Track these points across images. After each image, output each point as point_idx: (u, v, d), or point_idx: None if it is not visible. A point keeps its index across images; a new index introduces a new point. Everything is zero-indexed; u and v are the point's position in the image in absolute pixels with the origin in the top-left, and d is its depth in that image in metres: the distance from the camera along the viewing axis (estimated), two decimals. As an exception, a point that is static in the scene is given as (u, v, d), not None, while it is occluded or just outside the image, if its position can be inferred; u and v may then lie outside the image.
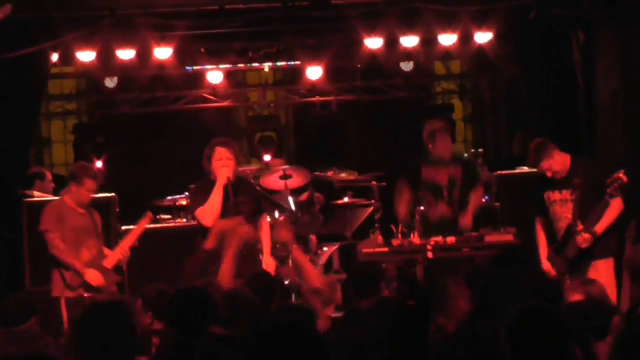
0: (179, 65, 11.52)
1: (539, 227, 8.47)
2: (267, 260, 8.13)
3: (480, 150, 12.40)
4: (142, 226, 8.59)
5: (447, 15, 10.16)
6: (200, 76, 12.83)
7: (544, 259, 8.26)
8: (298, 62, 12.42)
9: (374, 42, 10.60)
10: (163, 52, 10.43)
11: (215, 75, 12.71)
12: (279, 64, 12.42)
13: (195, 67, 12.32)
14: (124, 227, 9.92)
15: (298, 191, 10.90)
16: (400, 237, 8.81)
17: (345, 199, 11.15)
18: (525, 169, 10.36)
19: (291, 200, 10.67)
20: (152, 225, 10.21)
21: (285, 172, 10.62)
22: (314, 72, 12.54)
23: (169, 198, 10.86)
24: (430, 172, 9.15)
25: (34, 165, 11.82)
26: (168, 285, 6.66)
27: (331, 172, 11.16)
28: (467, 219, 9.08)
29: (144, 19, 9.82)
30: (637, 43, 9.62)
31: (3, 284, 9.57)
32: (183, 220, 10.40)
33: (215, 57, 12.14)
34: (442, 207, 9.06)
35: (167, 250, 9.43)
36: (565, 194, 8.23)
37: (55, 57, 10.33)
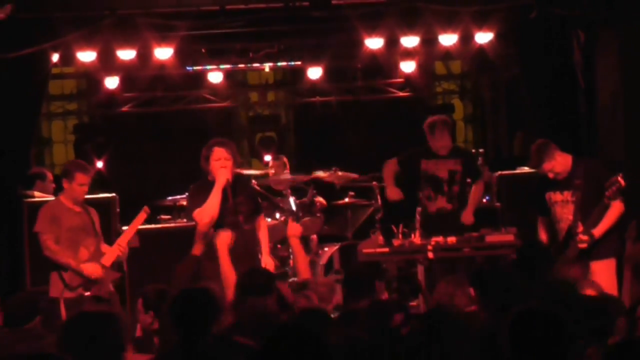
0: (180, 65, 11.52)
1: (541, 227, 8.46)
2: (267, 260, 8.12)
3: (481, 150, 12.39)
4: (139, 221, 8.51)
5: (448, 15, 10.15)
6: (200, 76, 12.84)
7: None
8: (299, 63, 12.43)
9: (374, 43, 10.58)
10: (164, 53, 10.42)
11: (215, 76, 12.73)
12: (279, 64, 12.42)
13: (195, 68, 12.33)
14: (124, 227, 9.91)
15: (299, 193, 10.91)
16: (400, 237, 8.80)
17: (346, 199, 11.15)
18: (526, 169, 10.35)
19: (292, 200, 10.67)
20: (153, 226, 10.23)
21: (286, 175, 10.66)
22: (315, 73, 12.55)
23: (169, 198, 10.86)
24: (431, 165, 9.18)
25: (35, 166, 11.81)
26: (168, 286, 6.66)
27: (331, 172, 11.16)
28: (468, 214, 9.13)
29: (144, 19, 9.81)
30: (637, 43, 9.60)
31: (4, 284, 9.57)
32: (183, 220, 10.38)
33: (216, 58, 12.15)
34: (441, 201, 9.09)
35: (168, 251, 9.40)
36: (567, 195, 8.22)
37: (55, 57, 10.32)
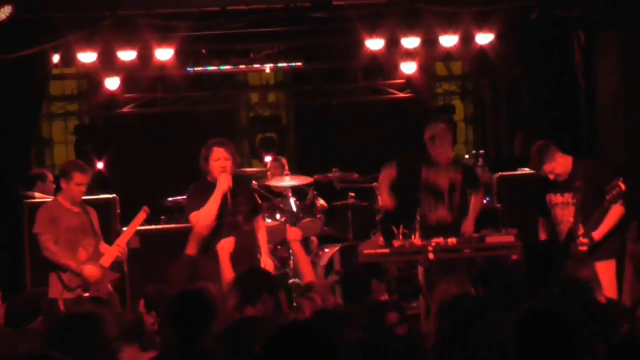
0: (180, 66, 11.52)
1: (541, 228, 8.45)
2: (266, 261, 8.12)
3: (482, 151, 12.40)
4: (138, 221, 8.49)
5: (448, 16, 10.15)
6: (201, 77, 12.84)
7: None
8: (299, 64, 12.43)
9: (375, 43, 10.59)
10: (164, 53, 10.42)
11: (216, 77, 12.73)
12: (280, 65, 12.42)
13: (196, 68, 12.32)
14: (124, 228, 9.91)
15: (300, 194, 10.90)
16: (401, 238, 8.78)
17: (347, 200, 11.15)
18: (527, 170, 10.35)
19: (292, 201, 10.67)
20: (153, 226, 10.23)
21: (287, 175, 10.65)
22: (315, 73, 12.55)
23: (170, 199, 10.86)
24: (431, 175, 9.09)
25: (35, 166, 11.82)
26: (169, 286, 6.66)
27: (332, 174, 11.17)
28: (468, 225, 9.03)
29: (145, 20, 9.81)
30: (638, 43, 9.61)
31: (4, 285, 9.56)
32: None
33: (217, 59, 12.15)
34: (442, 211, 9.02)
35: (168, 251, 9.40)
36: (567, 197, 8.21)
37: (56, 58, 10.32)
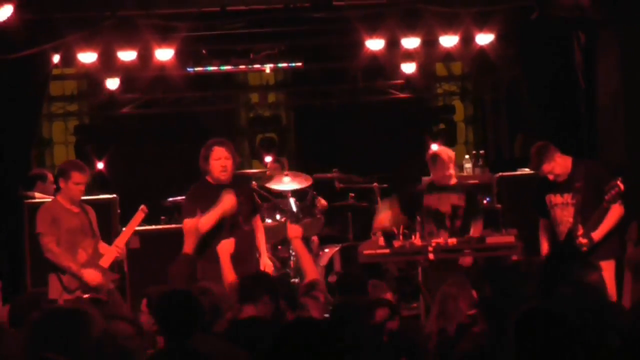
0: (180, 66, 11.52)
1: (542, 229, 8.44)
2: (265, 262, 8.11)
3: (482, 151, 12.38)
4: (137, 221, 8.47)
5: (449, 16, 10.15)
6: (201, 78, 12.84)
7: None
8: (299, 64, 12.42)
9: (375, 44, 10.59)
10: (164, 54, 10.42)
11: (216, 77, 12.72)
12: (280, 65, 12.42)
13: (196, 69, 12.32)
14: (124, 228, 9.90)
15: (300, 194, 10.90)
16: (401, 238, 8.77)
17: (347, 201, 11.15)
18: (527, 170, 10.34)
19: (292, 202, 10.67)
20: (153, 227, 10.22)
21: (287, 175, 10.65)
22: (315, 74, 12.56)
23: (170, 199, 10.85)
24: (433, 200, 8.97)
25: (36, 167, 11.82)
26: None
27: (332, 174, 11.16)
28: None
29: (145, 20, 9.81)
30: (638, 44, 9.60)
31: (4, 285, 9.56)
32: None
33: (217, 59, 12.14)
34: (444, 237, 8.94)
35: (168, 251, 9.39)
36: (567, 197, 8.20)
37: (56, 58, 10.32)
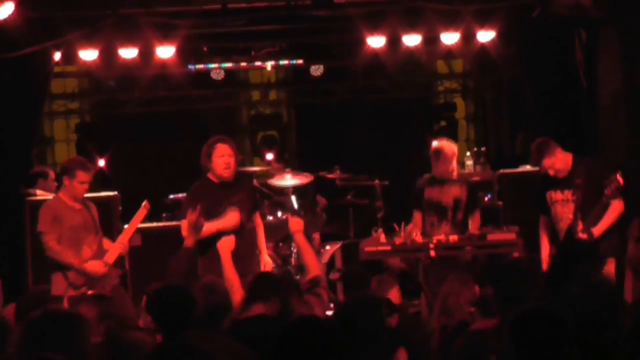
0: (182, 64, 11.52)
1: (542, 227, 8.44)
2: (265, 259, 8.12)
3: (483, 149, 12.38)
4: (140, 217, 8.48)
5: (450, 14, 10.15)
6: (202, 75, 12.85)
7: (545, 258, 8.25)
8: (301, 62, 12.43)
9: (376, 41, 10.59)
10: (165, 51, 10.43)
11: (217, 75, 12.73)
12: (281, 63, 12.42)
13: (197, 66, 12.33)
14: (126, 226, 9.91)
15: (301, 192, 10.91)
16: (402, 235, 8.78)
17: (348, 198, 11.16)
18: (528, 167, 10.34)
19: (294, 199, 10.67)
20: (154, 224, 10.23)
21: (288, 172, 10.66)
22: (317, 71, 12.56)
23: (171, 196, 10.86)
24: (435, 192, 8.99)
25: (37, 164, 11.82)
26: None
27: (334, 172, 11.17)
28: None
29: (146, 18, 9.82)
30: (639, 41, 9.60)
31: (5, 283, 9.57)
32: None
33: (218, 56, 12.15)
34: (445, 228, 8.97)
35: (169, 248, 9.40)
36: (567, 194, 8.21)
37: (58, 56, 10.34)
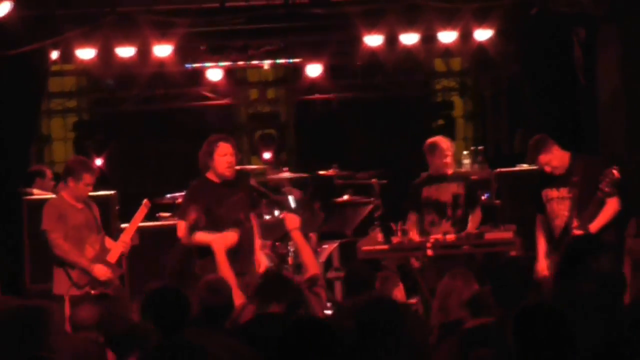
0: (179, 62, 11.51)
1: (538, 225, 8.43)
2: (260, 258, 8.13)
3: (481, 147, 12.38)
4: (140, 216, 8.51)
5: (448, 12, 10.15)
6: (200, 74, 12.84)
7: (542, 257, 8.24)
8: (298, 60, 12.42)
9: (374, 40, 10.59)
10: (163, 50, 10.42)
11: (215, 73, 12.73)
12: (279, 61, 12.42)
13: (195, 65, 12.32)
14: (123, 225, 9.91)
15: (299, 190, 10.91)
16: (400, 234, 8.77)
17: (346, 197, 11.15)
18: (526, 166, 10.34)
19: (291, 198, 10.66)
20: (152, 223, 10.22)
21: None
22: (315, 70, 12.55)
23: (168, 195, 10.85)
24: (433, 190, 9.02)
25: (35, 163, 11.81)
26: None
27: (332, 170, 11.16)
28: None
29: (144, 17, 9.82)
30: (638, 39, 9.60)
31: (3, 283, 9.56)
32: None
33: (216, 55, 12.14)
34: (446, 226, 8.95)
35: (167, 248, 9.41)
36: (563, 191, 8.20)
37: (55, 54, 10.33)
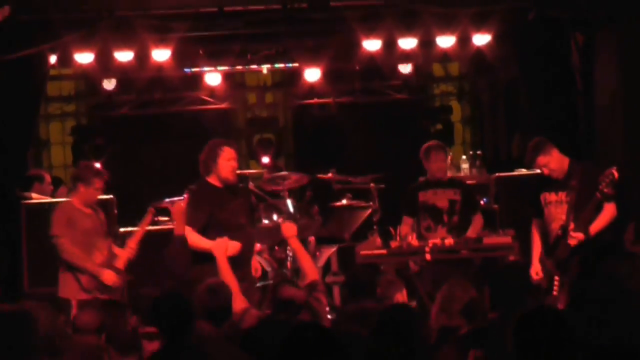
0: (178, 67, 11.52)
1: (534, 228, 8.44)
2: (255, 264, 8.14)
3: (479, 152, 12.39)
4: (147, 222, 8.57)
5: (446, 17, 10.16)
6: (198, 78, 12.84)
7: (535, 260, 8.24)
8: (297, 64, 12.42)
9: (372, 44, 10.60)
10: (161, 54, 10.43)
11: (213, 77, 12.73)
12: (277, 66, 12.41)
13: (193, 69, 12.32)
14: (122, 229, 9.92)
15: (297, 194, 10.89)
16: (398, 239, 8.77)
17: (344, 201, 11.14)
18: (524, 170, 10.35)
19: (289, 202, 10.65)
20: (150, 227, 10.21)
21: (284, 175, 10.64)
22: (313, 74, 12.55)
23: (166, 200, 10.83)
24: (429, 195, 9.05)
25: (33, 167, 11.82)
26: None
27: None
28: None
29: (142, 21, 9.82)
30: (635, 43, 9.62)
31: (2, 286, 9.56)
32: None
33: (214, 59, 12.14)
34: (442, 232, 8.95)
35: (164, 251, 9.39)
36: (561, 195, 8.21)
37: (53, 59, 10.33)
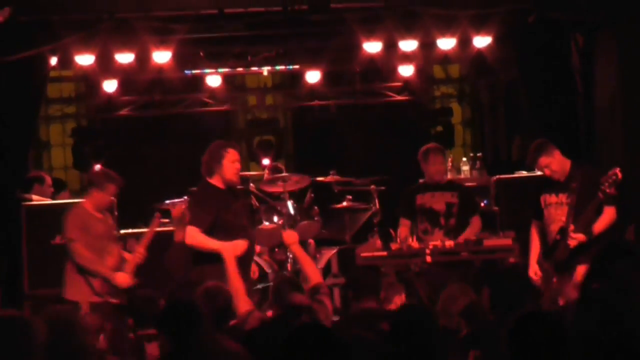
0: (178, 69, 11.52)
1: (533, 230, 8.43)
2: (253, 265, 8.15)
3: (479, 154, 12.40)
4: (154, 227, 8.60)
5: (446, 19, 10.16)
6: (199, 80, 12.85)
7: (533, 262, 8.25)
8: (297, 66, 12.43)
9: (372, 46, 10.59)
10: (162, 56, 10.42)
11: (214, 79, 12.74)
12: (278, 67, 12.42)
13: (194, 71, 12.33)
14: (122, 231, 9.92)
15: (297, 196, 10.90)
16: (398, 241, 8.78)
17: (344, 203, 11.15)
18: (524, 173, 10.35)
19: (290, 204, 10.66)
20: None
21: (284, 177, 10.65)
22: (313, 76, 12.57)
23: (167, 202, 10.84)
24: (426, 199, 9.04)
25: (33, 169, 11.82)
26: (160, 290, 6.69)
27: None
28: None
29: (143, 23, 9.82)
30: (635, 45, 9.63)
31: (2, 288, 9.56)
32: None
33: (214, 61, 12.15)
34: (439, 235, 8.93)
35: (165, 253, 9.40)
36: (562, 197, 8.21)
37: (54, 60, 10.32)
